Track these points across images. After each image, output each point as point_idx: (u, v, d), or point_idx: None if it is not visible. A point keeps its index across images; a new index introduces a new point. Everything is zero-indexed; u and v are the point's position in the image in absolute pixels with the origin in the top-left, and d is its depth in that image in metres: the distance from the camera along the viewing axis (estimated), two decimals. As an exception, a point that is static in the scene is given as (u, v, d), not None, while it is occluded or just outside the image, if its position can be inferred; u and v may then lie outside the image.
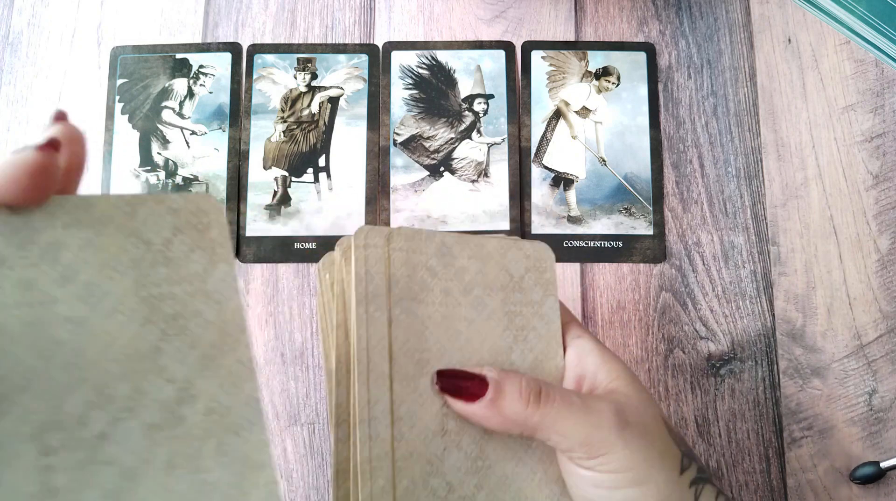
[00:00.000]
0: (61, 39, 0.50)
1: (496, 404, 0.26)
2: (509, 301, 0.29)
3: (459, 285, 0.29)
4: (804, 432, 0.44)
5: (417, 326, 0.27)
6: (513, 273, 0.30)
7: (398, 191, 0.47)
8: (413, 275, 0.28)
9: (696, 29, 0.50)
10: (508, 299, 0.29)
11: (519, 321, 0.29)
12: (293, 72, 0.49)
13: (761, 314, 0.46)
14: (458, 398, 0.27)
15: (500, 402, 0.26)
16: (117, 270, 0.20)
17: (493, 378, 0.27)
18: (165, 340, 0.20)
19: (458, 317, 0.28)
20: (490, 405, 0.26)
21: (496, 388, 0.26)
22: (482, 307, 0.29)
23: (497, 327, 0.29)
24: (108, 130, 0.48)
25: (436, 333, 0.28)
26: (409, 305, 0.27)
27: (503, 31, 0.50)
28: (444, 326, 0.28)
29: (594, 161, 0.48)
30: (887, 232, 0.47)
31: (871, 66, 0.49)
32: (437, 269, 0.28)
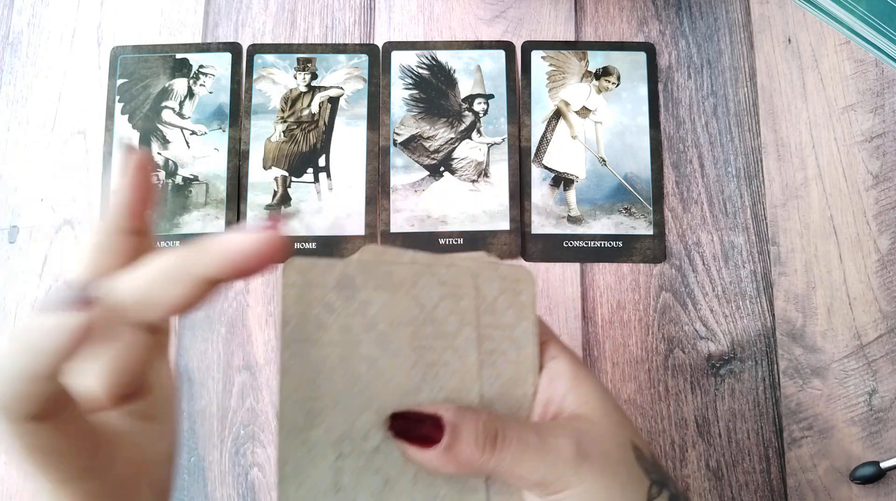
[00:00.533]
0: (61, 39, 0.50)
1: (452, 450, 0.25)
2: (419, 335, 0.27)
3: (362, 321, 0.26)
4: (804, 432, 0.44)
5: (309, 372, 0.25)
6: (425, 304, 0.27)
7: (398, 191, 0.47)
8: (307, 313, 0.25)
9: (696, 29, 0.50)
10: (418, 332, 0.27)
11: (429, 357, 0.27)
12: (293, 72, 0.49)
13: (761, 314, 0.46)
14: (412, 444, 0.25)
15: (455, 448, 0.25)
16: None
17: (449, 421, 0.25)
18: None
19: (359, 357, 0.26)
20: (445, 453, 0.25)
21: (452, 433, 0.25)
22: (386, 344, 0.26)
23: (404, 364, 0.26)
24: (108, 130, 0.48)
25: (331, 377, 0.25)
26: (301, 348, 0.25)
27: (503, 31, 0.50)
28: (341, 369, 0.25)
29: (594, 161, 0.48)
30: (887, 232, 0.47)
31: (871, 66, 0.49)
32: (335, 304, 0.25)
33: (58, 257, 0.47)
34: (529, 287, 0.29)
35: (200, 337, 0.46)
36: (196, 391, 0.45)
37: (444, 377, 0.27)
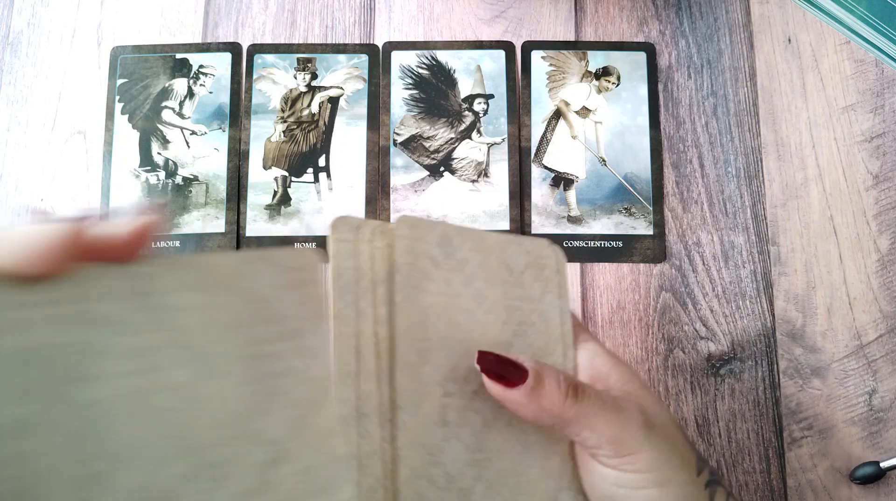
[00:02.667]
0: (61, 39, 0.50)
1: (535, 393, 0.26)
2: (509, 295, 0.29)
3: (461, 277, 0.28)
4: (804, 432, 0.44)
5: (419, 314, 0.26)
6: (512, 268, 0.29)
7: (398, 191, 0.47)
8: (416, 263, 0.27)
9: (696, 29, 0.50)
10: (508, 293, 0.29)
11: (518, 316, 0.29)
12: (293, 72, 0.49)
13: (761, 314, 0.46)
14: (499, 382, 0.26)
15: (539, 391, 0.26)
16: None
17: (532, 367, 0.26)
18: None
19: (459, 308, 0.28)
20: (529, 394, 0.26)
21: (536, 377, 0.26)
22: (482, 300, 0.28)
23: (497, 320, 0.28)
24: (108, 130, 0.48)
25: (437, 323, 0.27)
26: (411, 292, 0.26)
27: (503, 31, 0.50)
28: (446, 316, 0.27)
29: (594, 161, 0.48)
30: (887, 232, 0.47)
31: (871, 66, 0.49)
32: (438, 259, 0.27)
33: (58, 257, 0.47)
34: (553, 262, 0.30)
35: (200, 337, 0.46)
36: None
37: (532, 335, 0.29)
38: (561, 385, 0.26)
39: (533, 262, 0.29)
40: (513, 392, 0.26)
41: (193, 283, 0.19)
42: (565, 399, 0.26)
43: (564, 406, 0.26)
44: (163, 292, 0.18)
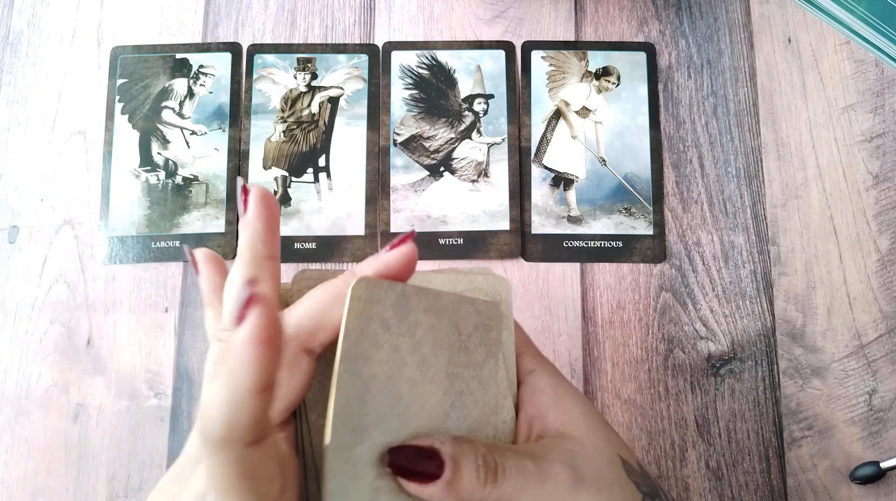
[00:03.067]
0: (61, 39, 0.50)
1: (453, 486, 0.24)
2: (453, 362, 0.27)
3: (409, 342, 0.26)
4: (804, 432, 0.44)
5: (360, 388, 0.25)
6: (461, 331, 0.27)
7: (398, 191, 0.47)
8: (366, 329, 0.25)
9: (696, 29, 0.50)
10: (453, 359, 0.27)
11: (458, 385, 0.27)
12: (293, 72, 0.49)
13: (761, 314, 0.46)
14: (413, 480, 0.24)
15: (457, 484, 0.24)
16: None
17: (448, 455, 0.25)
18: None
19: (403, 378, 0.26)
20: (447, 488, 0.24)
21: (453, 468, 0.24)
22: (427, 368, 0.26)
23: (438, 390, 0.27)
24: (108, 130, 0.48)
25: (377, 396, 0.25)
26: (356, 363, 0.25)
27: (503, 31, 0.50)
28: (387, 388, 0.25)
29: (594, 161, 0.48)
30: (887, 232, 0.47)
31: (871, 66, 0.49)
32: (391, 322, 0.26)
33: (58, 257, 0.47)
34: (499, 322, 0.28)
35: (200, 337, 0.46)
36: (196, 391, 0.45)
37: (469, 405, 0.27)
38: (479, 472, 0.25)
39: (482, 323, 0.28)
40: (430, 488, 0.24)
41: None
42: (484, 486, 0.25)
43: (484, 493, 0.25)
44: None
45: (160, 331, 0.46)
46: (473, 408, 0.27)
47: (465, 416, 0.27)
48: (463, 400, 0.27)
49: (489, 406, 0.28)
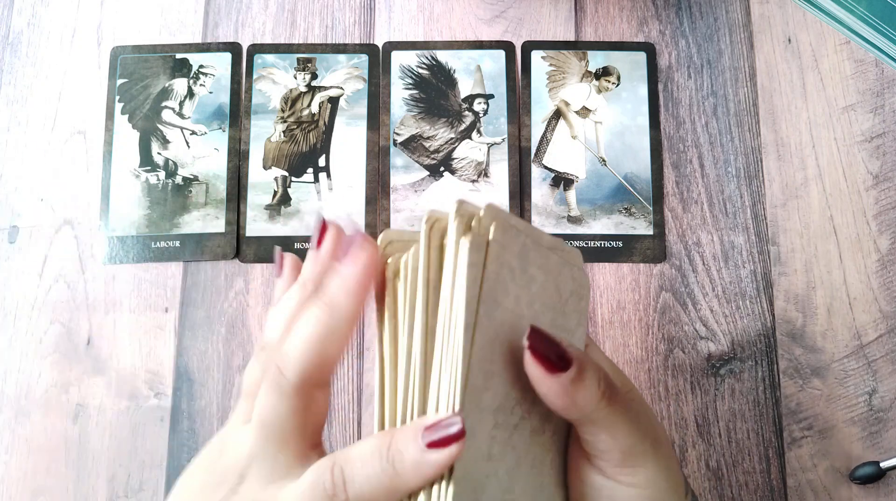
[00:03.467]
0: (61, 39, 0.50)
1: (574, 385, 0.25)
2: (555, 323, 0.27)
3: (527, 295, 0.26)
4: (804, 432, 0.44)
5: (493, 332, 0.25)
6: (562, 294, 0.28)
7: (398, 191, 0.47)
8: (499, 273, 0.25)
9: (696, 29, 0.50)
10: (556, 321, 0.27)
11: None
12: (293, 72, 0.49)
13: (761, 314, 0.46)
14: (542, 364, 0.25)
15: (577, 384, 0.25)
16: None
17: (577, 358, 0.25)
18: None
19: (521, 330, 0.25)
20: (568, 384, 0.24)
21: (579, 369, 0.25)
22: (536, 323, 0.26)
23: None
24: (108, 130, 0.48)
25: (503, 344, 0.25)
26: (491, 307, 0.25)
27: (503, 31, 0.50)
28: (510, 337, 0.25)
29: (594, 161, 0.48)
30: (887, 232, 0.47)
31: (871, 66, 0.49)
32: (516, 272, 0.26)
33: (58, 257, 0.47)
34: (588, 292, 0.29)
35: (200, 337, 0.46)
36: (196, 391, 0.45)
37: None
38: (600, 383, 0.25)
39: (575, 290, 0.28)
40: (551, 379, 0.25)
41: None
42: (600, 399, 0.25)
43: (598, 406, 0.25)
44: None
45: (160, 331, 0.46)
46: None
47: None
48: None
49: None
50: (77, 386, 0.45)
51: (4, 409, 0.45)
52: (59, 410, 0.45)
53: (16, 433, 0.44)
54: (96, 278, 0.47)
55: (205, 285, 0.46)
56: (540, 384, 0.25)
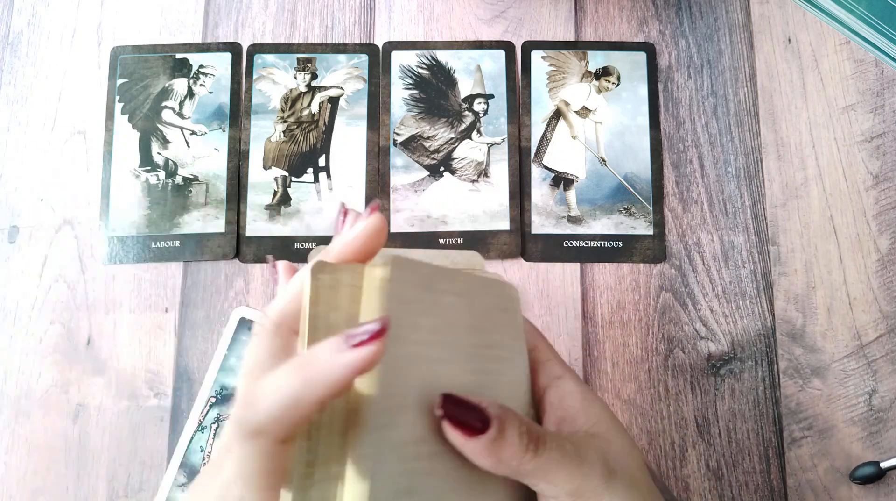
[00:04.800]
0: (61, 39, 0.50)
1: (496, 444, 0.24)
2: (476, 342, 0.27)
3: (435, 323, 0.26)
4: (804, 432, 0.44)
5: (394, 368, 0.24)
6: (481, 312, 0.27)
7: (398, 191, 0.47)
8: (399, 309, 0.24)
9: (696, 29, 0.50)
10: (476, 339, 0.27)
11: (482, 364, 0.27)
12: (293, 72, 0.49)
13: (761, 314, 0.46)
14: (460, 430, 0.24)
15: (500, 443, 0.24)
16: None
17: (496, 415, 0.25)
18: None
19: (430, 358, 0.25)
20: (490, 445, 0.24)
21: (499, 427, 0.24)
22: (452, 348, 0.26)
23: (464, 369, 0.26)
24: (108, 130, 0.48)
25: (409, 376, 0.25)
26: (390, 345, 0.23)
27: (503, 31, 0.50)
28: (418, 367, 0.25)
29: (594, 161, 0.48)
30: (887, 232, 0.47)
31: (871, 66, 0.49)
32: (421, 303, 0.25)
33: (58, 257, 0.47)
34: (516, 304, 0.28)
35: (200, 337, 0.46)
36: (196, 391, 0.45)
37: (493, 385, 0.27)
38: (522, 437, 0.25)
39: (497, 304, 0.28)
40: (473, 442, 0.24)
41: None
42: (525, 453, 0.25)
43: (524, 460, 0.25)
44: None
45: (160, 331, 0.46)
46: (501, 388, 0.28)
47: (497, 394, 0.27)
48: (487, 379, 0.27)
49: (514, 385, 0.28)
50: (77, 386, 0.45)
51: (4, 409, 0.45)
52: (59, 410, 0.45)
53: (16, 434, 0.44)
54: (96, 278, 0.47)
55: (205, 285, 0.46)
56: (462, 447, 0.25)
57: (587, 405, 0.28)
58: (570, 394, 0.29)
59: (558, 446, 0.25)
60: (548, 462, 0.25)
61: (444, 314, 0.26)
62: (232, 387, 0.45)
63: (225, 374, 0.45)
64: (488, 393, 0.26)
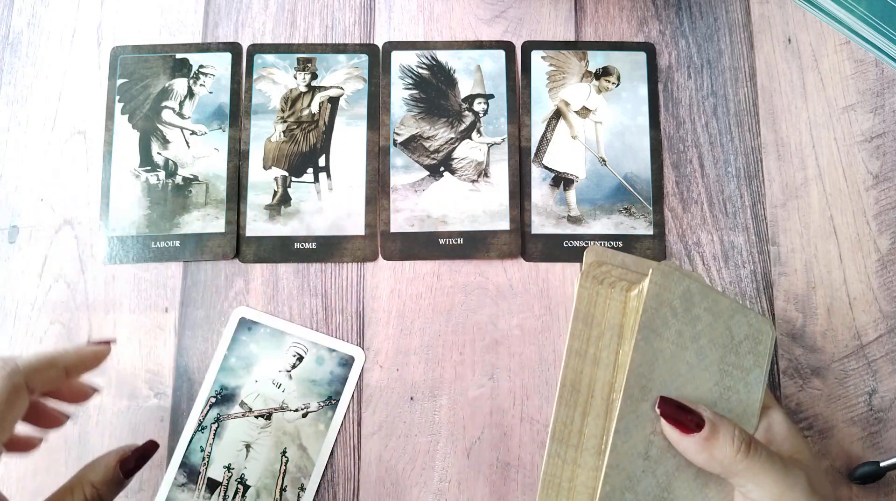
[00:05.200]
0: (61, 39, 0.50)
1: (708, 442, 0.29)
2: (725, 360, 0.32)
3: (691, 331, 0.31)
4: (804, 432, 0.44)
5: (650, 355, 0.31)
6: (734, 335, 0.32)
7: (398, 191, 0.47)
8: (659, 309, 0.31)
9: (696, 29, 0.50)
10: (725, 358, 0.32)
11: (727, 381, 0.32)
12: (293, 72, 0.49)
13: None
14: (676, 427, 0.29)
15: (712, 441, 0.29)
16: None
17: (709, 418, 0.29)
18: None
19: (682, 359, 0.31)
20: (702, 442, 0.29)
21: (712, 428, 0.29)
22: (703, 357, 0.32)
23: (710, 379, 0.32)
24: (108, 130, 0.48)
25: (662, 367, 0.31)
26: (649, 335, 0.31)
27: (503, 31, 0.50)
28: (671, 363, 0.31)
29: (594, 161, 0.48)
30: (887, 232, 0.47)
31: (871, 66, 0.49)
32: (678, 311, 0.31)
33: (58, 257, 0.47)
34: (768, 339, 0.33)
35: (200, 337, 0.46)
36: (196, 391, 0.45)
37: (734, 401, 0.32)
38: (735, 440, 0.29)
39: (751, 334, 0.33)
40: (687, 439, 0.29)
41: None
42: (736, 453, 0.29)
43: (735, 459, 0.29)
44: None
45: (160, 331, 0.46)
46: (737, 405, 0.32)
47: (730, 409, 0.32)
48: (729, 396, 0.32)
49: (750, 408, 0.32)
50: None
51: (4, 409, 0.45)
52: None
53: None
54: (96, 278, 0.47)
55: (205, 285, 0.46)
56: (678, 443, 0.30)
57: (792, 435, 0.32)
58: (779, 423, 0.32)
59: (768, 454, 0.29)
60: (756, 465, 0.29)
61: (701, 328, 0.32)
62: (233, 387, 0.45)
63: (225, 374, 0.45)
64: (721, 405, 0.32)
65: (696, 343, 0.32)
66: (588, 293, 0.32)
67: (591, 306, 0.32)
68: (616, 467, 0.30)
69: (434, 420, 0.44)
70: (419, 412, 0.44)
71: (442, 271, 0.47)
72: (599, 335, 0.32)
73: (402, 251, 0.46)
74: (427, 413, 0.44)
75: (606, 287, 0.32)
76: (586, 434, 0.31)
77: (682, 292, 0.31)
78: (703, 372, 0.32)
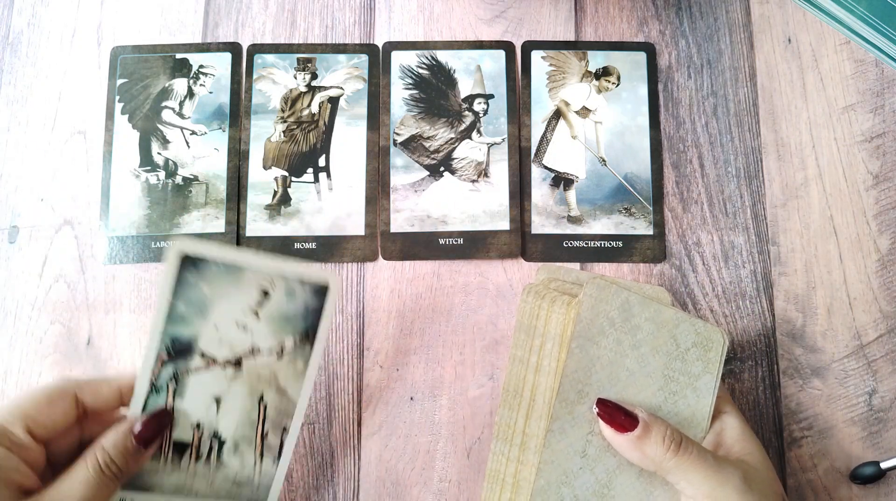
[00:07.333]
0: (61, 39, 0.50)
1: (640, 441, 0.31)
2: (670, 367, 0.34)
3: (630, 340, 0.33)
4: (804, 432, 0.44)
5: (586, 362, 0.33)
6: (679, 343, 0.34)
7: (398, 191, 0.47)
8: (594, 320, 0.33)
9: (696, 29, 0.50)
10: (670, 365, 0.34)
11: (672, 386, 0.34)
12: (293, 72, 0.49)
13: (761, 314, 0.46)
14: (611, 426, 0.32)
15: (644, 440, 0.31)
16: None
17: (643, 418, 0.32)
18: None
19: (622, 366, 0.33)
20: (635, 441, 0.31)
21: (644, 428, 0.31)
22: (644, 364, 0.34)
23: (653, 384, 0.33)
24: (108, 130, 0.48)
25: (599, 373, 0.33)
26: (585, 343, 0.33)
27: (503, 31, 0.50)
28: (609, 370, 0.33)
29: (594, 161, 0.48)
30: (887, 232, 0.47)
31: (871, 66, 0.49)
32: (616, 321, 0.33)
33: (58, 257, 0.47)
34: (720, 347, 0.35)
35: (200, 337, 0.46)
36: (196, 391, 0.45)
37: (681, 405, 0.34)
38: (665, 439, 0.31)
39: (699, 343, 0.34)
40: (621, 437, 0.32)
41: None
42: (666, 451, 0.31)
43: (665, 457, 0.31)
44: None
45: (160, 331, 0.46)
46: (684, 409, 0.34)
47: (675, 413, 0.33)
48: (675, 400, 0.34)
49: (700, 412, 0.34)
50: (77, 386, 0.45)
51: (4, 409, 0.45)
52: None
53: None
54: (96, 278, 0.47)
55: (205, 285, 0.46)
56: (613, 441, 0.32)
57: (744, 438, 0.34)
58: (732, 427, 0.34)
59: (698, 452, 0.31)
60: (687, 461, 0.31)
61: (642, 337, 0.34)
62: (188, 337, 0.37)
63: (174, 324, 0.37)
64: (666, 409, 0.34)
65: (636, 351, 0.34)
66: (529, 308, 0.35)
67: (532, 319, 0.35)
68: (551, 463, 0.33)
69: (434, 420, 0.44)
70: (419, 412, 0.44)
71: (442, 271, 0.47)
72: (541, 344, 0.34)
73: (402, 251, 0.46)
74: (427, 413, 0.44)
75: (548, 302, 0.35)
76: (528, 434, 0.34)
77: (620, 304, 0.34)
78: (645, 378, 0.34)
